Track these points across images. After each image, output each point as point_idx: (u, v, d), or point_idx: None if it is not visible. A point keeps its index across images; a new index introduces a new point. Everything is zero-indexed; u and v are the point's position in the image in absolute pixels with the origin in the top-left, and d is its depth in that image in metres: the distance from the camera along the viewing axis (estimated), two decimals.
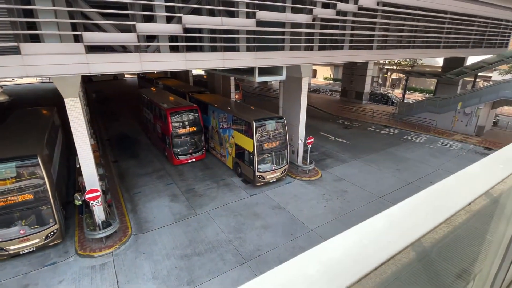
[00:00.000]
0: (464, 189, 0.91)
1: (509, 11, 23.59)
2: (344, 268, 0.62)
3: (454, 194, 0.86)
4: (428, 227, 0.74)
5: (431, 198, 0.87)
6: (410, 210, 0.83)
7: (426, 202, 0.85)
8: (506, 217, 1.74)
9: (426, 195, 0.89)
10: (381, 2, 14.33)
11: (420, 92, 40.28)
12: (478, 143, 21.27)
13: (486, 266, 1.89)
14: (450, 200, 0.81)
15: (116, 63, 8.99)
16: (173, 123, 16.28)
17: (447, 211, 0.76)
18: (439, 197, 0.85)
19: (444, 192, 0.87)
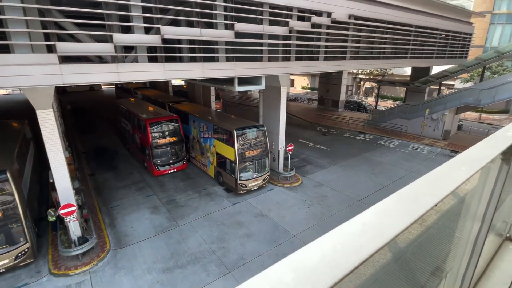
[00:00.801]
0: (432, 190, 1.04)
1: (467, 25, 25.70)
2: (320, 274, 0.62)
3: (423, 196, 0.99)
4: (400, 228, 0.81)
5: (402, 200, 0.98)
6: (383, 212, 0.91)
7: (398, 204, 0.96)
8: (471, 216, 1.95)
9: (398, 197, 1.00)
10: (352, 15, 15.14)
11: (392, 100, 42.38)
12: (445, 146, 22.66)
13: (456, 263, 2.08)
14: (420, 201, 0.95)
15: (92, 74, 8.77)
16: (153, 134, 15.97)
17: (417, 212, 0.88)
18: (410, 199, 0.97)
19: (414, 194, 1.00)
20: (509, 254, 2.66)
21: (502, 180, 1.86)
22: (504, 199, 2.75)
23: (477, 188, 1.87)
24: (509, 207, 2.88)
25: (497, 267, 2.48)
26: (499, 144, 1.59)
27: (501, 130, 1.85)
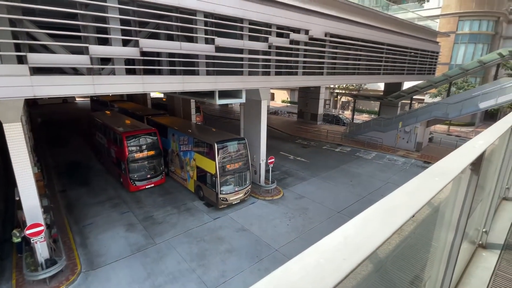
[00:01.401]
0: (409, 201, 1.07)
1: (434, 44, 27.64)
2: None
3: (401, 206, 1.01)
4: (381, 239, 0.81)
5: (381, 211, 1.00)
6: (363, 224, 0.91)
7: (377, 215, 0.97)
8: (446, 224, 2.01)
9: (377, 209, 1.02)
10: (328, 33, 15.83)
11: (367, 113, 44.14)
12: (418, 157, 23.73)
13: (434, 272, 2.12)
14: (398, 212, 0.96)
15: (65, 86, 8.44)
16: (130, 148, 15.47)
17: (396, 223, 0.89)
18: (389, 210, 0.99)
19: (392, 205, 1.02)
20: (483, 261, 2.76)
21: (472, 190, 1.94)
22: (475, 208, 2.89)
23: (450, 198, 1.95)
24: (479, 215, 3.02)
25: (472, 275, 2.56)
26: (468, 156, 1.67)
27: (469, 142, 1.95)
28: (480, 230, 3.03)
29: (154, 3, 9.29)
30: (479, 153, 1.72)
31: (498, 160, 2.94)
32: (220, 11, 10.91)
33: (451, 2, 36.47)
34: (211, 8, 10.65)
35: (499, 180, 3.12)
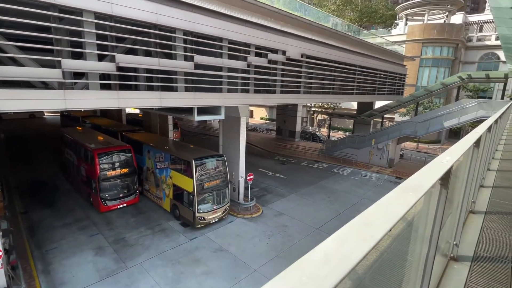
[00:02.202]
0: (385, 215, 1.08)
1: (401, 67, 29.66)
2: None
3: (377, 221, 1.02)
4: (360, 254, 0.81)
5: (359, 227, 1.00)
6: (342, 240, 0.92)
7: (355, 230, 0.98)
8: (419, 238, 2.07)
9: (355, 224, 1.02)
10: (304, 54, 16.51)
11: (342, 131, 45.73)
12: (391, 173, 24.70)
13: (410, 286, 2.15)
14: (375, 227, 0.97)
15: (33, 100, 8.00)
16: (101, 165, 14.75)
17: (374, 238, 0.90)
18: (366, 225, 1.00)
19: (369, 220, 1.03)
20: (455, 274, 2.85)
21: (442, 204, 2.03)
22: (445, 221, 3.01)
23: (422, 212, 2.02)
24: (449, 228, 3.14)
25: (446, 287, 2.62)
26: (437, 171, 1.75)
27: (437, 158, 2.06)
28: (451, 243, 3.15)
29: (132, 19, 9.26)
30: (447, 168, 1.81)
31: (463, 175, 3.11)
32: (200, 29, 11.08)
33: (415, 30, 39.71)
34: (191, 26, 10.78)
35: (466, 194, 3.30)
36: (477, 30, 41.85)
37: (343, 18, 43.22)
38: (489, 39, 39.31)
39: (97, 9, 8.46)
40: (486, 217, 4.24)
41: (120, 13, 8.94)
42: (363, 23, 49.03)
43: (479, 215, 4.29)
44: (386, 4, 51.54)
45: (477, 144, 3.25)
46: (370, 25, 52.04)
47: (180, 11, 10.42)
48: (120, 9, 8.90)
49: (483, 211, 4.44)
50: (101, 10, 8.54)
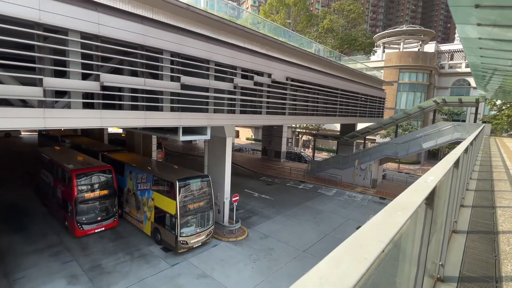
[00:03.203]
0: (377, 236, 1.07)
1: (380, 91, 31.09)
2: None
3: (370, 242, 1.01)
4: (355, 277, 0.79)
5: (352, 248, 0.98)
6: (336, 262, 0.89)
7: (348, 252, 0.95)
8: (408, 259, 2.05)
9: (348, 246, 1.00)
10: (289, 78, 17.04)
11: (326, 152, 46.52)
12: (374, 193, 25.05)
13: None
14: (369, 248, 0.95)
15: (10, 119, 7.67)
16: (79, 187, 14.07)
17: (368, 259, 0.88)
18: (359, 246, 0.97)
19: (362, 241, 1.01)
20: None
21: (428, 223, 2.05)
22: (431, 241, 3.03)
23: (409, 232, 2.02)
24: (435, 248, 3.16)
25: None
26: (423, 191, 1.78)
27: (421, 178, 2.10)
28: (437, 264, 3.15)
29: (119, 39, 9.30)
30: (431, 188, 1.85)
31: (445, 195, 3.19)
32: (187, 51, 11.25)
33: (392, 57, 42.20)
34: (178, 48, 10.95)
35: (448, 213, 3.36)
36: (449, 58, 45.04)
37: (325, 44, 45.44)
38: (460, 67, 42.32)
39: (84, 29, 8.46)
40: (468, 236, 4.32)
41: (107, 34, 8.98)
42: (344, 50, 51.67)
43: (462, 234, 4.37)
44: (365, 33, 54.84)
45: (456, 165, 3.37)
46: (350, 51, 54.91)
47: (168, 33, 10.61)
48: (107, 29, 8.95)
49: (465, 231, 4.53)
50: (88, 30, 8.55)
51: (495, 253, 3.71)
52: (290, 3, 52.40)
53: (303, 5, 53.66)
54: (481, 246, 4.04)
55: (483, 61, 8.64)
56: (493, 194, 6.48)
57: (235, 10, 19.73)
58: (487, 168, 9.49)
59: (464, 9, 4.72)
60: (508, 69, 8.94)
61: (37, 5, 7.55)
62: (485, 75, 11.88)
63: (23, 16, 7.34)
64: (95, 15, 8.67)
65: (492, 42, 6.54)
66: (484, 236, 4.37)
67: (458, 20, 5.30)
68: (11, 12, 7.12)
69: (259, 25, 21.13)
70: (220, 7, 16.13)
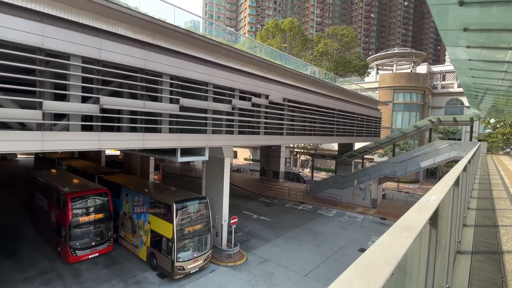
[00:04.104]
0: (385, 258, 1.04)
1: (376, 111, 31.59)
2: None
3: (379, 264, 0.97)
4: None
5: (361, 271, 0.95)
6: (347, 287, 0.86)
7: (358, 276, 0.92)
8: (415, 282, 1.98)
9: (357, 269, 0.97)
10: (286, 99, 17.34)
11: (325, 171, 46.35)
12: (375, 214, 24.68)
13: None
14: (378, 270, 0.92)
15: (7, 141, 7.65)
16: (74, 210, 13.75)
17: (379, 284, 0.84)
18: (368, 269, 0.94)
19: (371, 263, 0.98)
20: None
21: (433, 244, 2.00)
22: (437, 262, 2.95)
23: (415, 254, 1.97)
24: (440, 270, 3.07)
25: None
26: (426, 211, 1.76)
27: (423, 198, 2.08)
28: (444, 286, 3.04)
29: (120, 64, 9.51)
30: (435, 207, 1.83)
31: (448, 215, 3.14)
32: (186, 74, 11.50)
33: (386, 78, 43.32)
34: (177, 71, 11.19)
35: (452, 233, 3.30)
36: (441, 78, 46.33)
37: (320, 67, 46.75)
38: (452, 87, 43.43)
39: (85, 54, 8.67)
40: (473, 257, 4.21)
41: (108, 58, 9.19)
42: (339, 72, 53.13)
43: (466, 255, 4.26)
44: (358, 56, 56.70)
45: (457, 183, 3.36)
46: (345, 73, 56.46)
47: (168, 57, 10.89)
48: (108, 54, 9.18)
49: (470, 251, 4.43)
50: (89, 55, 8.76)
51: (502, 274, 3.61)
52: (285, 28, 54.51)
53: (298, 30, 55.82)
54: (487, 266, 3.93)
55: (474, 81, 8.89)
56: (495, 213, 6.41)
57: (232, 35, 20.43)
58: (486, 186, 9.46)
59: (453, 33, 4.92)
60: (500, 89, 9.18)
61: (41, 32, 7.79)
62: (478, 95, 12.17)
63: (27, 42, 7.54)
64: (97, 40, 8.93)
65: (482, 63, 6.77)
66: (489, 256, 4.27)
67: (448, 43, 5.51)
68: (16, 38, 7.31)
69: (256, 49, 21.82)
70: (218, 32, 16.76)
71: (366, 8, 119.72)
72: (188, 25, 17.18)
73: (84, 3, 8.42)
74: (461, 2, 3.48)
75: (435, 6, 3.97)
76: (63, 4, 8.21)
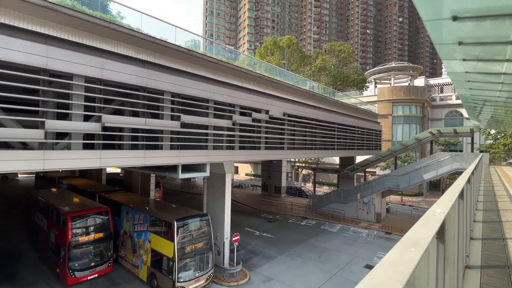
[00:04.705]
0: (395, 276, 1.01)
1: (376, 124, 31.70)
2: None
3: (386, 285, 0.94)
4: None
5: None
6: None
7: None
8: None
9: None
10: (286, 113, 17.47)
11: (327, 185, 45.96)
12: (379, 228, 24.22)
13: None
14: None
15: (8, 161, 7.65)
16: (74, 230, 13.54)
17: None
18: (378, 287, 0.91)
19: (380, 281, 0.95)
20: None
21: (442, 259, 1.95)
22: (446, 279, 2.86)
23: (423, 269, 1.91)
24: (450, 287, 2.97)
25: None
26: (432, 225, 1.72)
27: (429, 211, 2.05)
28: None
29: (122, 82, 9.67)
30: (441, 221, 1.79)
31: (454, 228, 3.08)
32: (187, 92, 11.65)
33: (384, 91, 43.81)
34: (178, 89, 11.35)
35: (460, 247, 3.22)
36: (439, 91, 46.80)
37: (319, 82, 47.43)
38: (451, 99, 43.80)
39: (88, 73, 8.84)
40: (482, 272, 4.09)
41: (111, 78, 9.36)
42: (337, 86, 53.83)
43: (475, 270, 4.14)
44: (356, 70, 57.63)
45: (461, 196, 3.31)
46: (343, 88, 57.18)
47: (169, 75, 11.08)
48: (111, 73, 9.35)
49: (479, 265, 4.31)
50: (92, 75, 8.92)
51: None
52: (284, 45, 55.78)
53: (296, 47, 57.08)
54: (497, 282, 3.81)
55: (472, 93, 8.97)
56: (502, 225, 6.28)
57: (232, 53, 20.95)
58: (491, 198, 9.33)
59: (448, 46, 5.02)
60: (498, 100, 9.25)
61: (45, 53, 7.98)
62: (476, 106, 12.25)
63: (32, 63, 7.70)
64: (100, 60, 9.13)
65: (479, 75, 6.85)
66: (499, 270, 4.14)
67: (444, 56, 5.61)
68: (21, 60, 7.49)
69: (256, 66, 22.22)
70: (218, 50, 17.15)
71: (362, 25, 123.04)
72: (189, 44, 17.63)
73: (89, 26, 8.68)
74: (454, 17, 3.57)
75: (429, 21, 4.07)
76: (68, 27, 8.45)
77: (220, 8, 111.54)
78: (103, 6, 11.31)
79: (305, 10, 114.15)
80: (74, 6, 10.24)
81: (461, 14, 3.56)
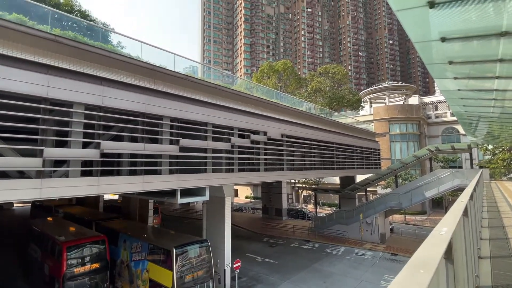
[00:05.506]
0: None
1: (374, 143, 31.87)
2: None
3: None
4: None
5: None
6: None
7: None
8: None
9: None
10: (284, 134, 17.59)
11: (328, 206, 45.25)
12: (384, 249, 23.54)
13: None
14: None
15: (4, 191, 7.53)
16: (69, 260, 13.05)
17: None
18: None
19: None
20: None
21: (451, 280, 1.88)
22: None
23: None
24: None
25: None
26: (439, 245, 1.68)
27: (434, 230, 2.00)
28: None
29: (122, 109, 9.79)
30: (448, 240, 1.75)
31: (462, 247, 3.00)
32: (186, 116, 11.79)
33: (380, 110, 44.49)
34: (177, 114, 11.49)
35: (468, 267, 3.12)
36: (433, 109, 47.60)
37: (315, 103, 48.26)
38: (446, 116, 44.44)
39: (89, 101, 8.96)
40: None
41: (111, 105, 9.49)
42: (333, 107, 54.72)
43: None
44: (351, 91, 58.97)
45: (466, 213, 3.26)
46: (339, 108, 58.10)
47: (168, 101, 11.25)
48: (110, 101, 9.49)
49: (489, 286, 4.14)
50: (92, 102, 9.05)
51: None
52: (279, 69, 57.37)
53: (291, 71, 58.70)
54: None
55: (466, 110, 9.13)
56: (509, 242, 6.13)
57: (229, 77, 21.49)
58: (495, 215, 9.17)
59: (439, 66, 5.18)
60: (492, 116, 9.39)
61: (46, 82, 8.14)
62: (471, 122, 12.42)
63: (33, 93, 7.83)
64: (100, 88, 9.30)
65: (471, 93, 7.01)
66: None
67: (436, 75, 5.77)
68: (23, 90, 7.62)
69: (253, 89, 22.69)
70: (216, 75, 17.57)
71: (354, 48, 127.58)
72: (188, 70, 18.10)
73: (90, 55, 8.94)
74: (443, 38, 3.72)
75: (419, 43, 4.23)
76: (69, 57, 8.70)
77: (217, 36, 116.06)
78: (104, 36, 11.74)
79: (299, 36, 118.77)
80: (76, 37, 10.61)
81: (449, 35, 3.71)
